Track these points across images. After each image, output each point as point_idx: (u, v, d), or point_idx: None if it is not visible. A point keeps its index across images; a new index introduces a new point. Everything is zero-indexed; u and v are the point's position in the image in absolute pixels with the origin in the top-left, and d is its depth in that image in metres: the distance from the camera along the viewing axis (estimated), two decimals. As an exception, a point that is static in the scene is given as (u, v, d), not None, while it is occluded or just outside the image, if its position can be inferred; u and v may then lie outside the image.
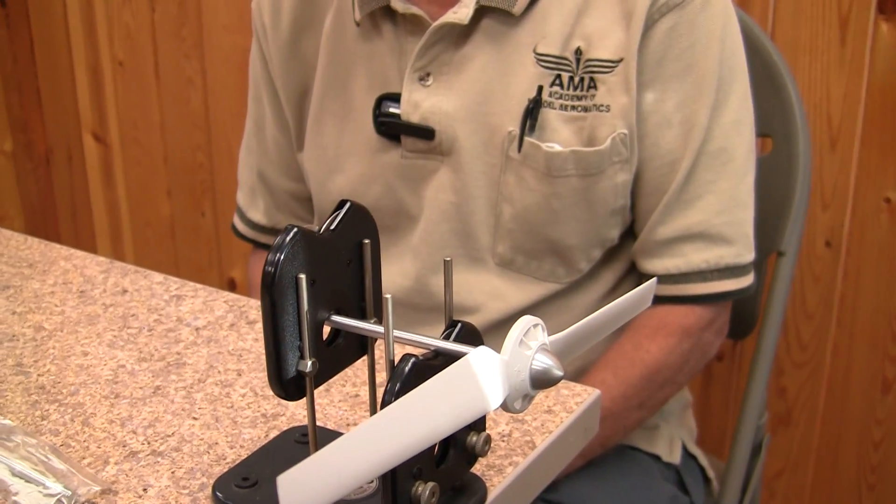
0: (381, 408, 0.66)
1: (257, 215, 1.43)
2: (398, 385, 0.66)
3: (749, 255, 1.20)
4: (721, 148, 1.16)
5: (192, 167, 2.57)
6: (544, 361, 0.66)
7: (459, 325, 0.71)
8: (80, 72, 2.70)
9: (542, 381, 0.66)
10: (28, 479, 0.82)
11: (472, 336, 0.71)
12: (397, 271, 1.27)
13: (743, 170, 1.18)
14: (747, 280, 1.21)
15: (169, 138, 2.60)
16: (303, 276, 0.71)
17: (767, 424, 1.86)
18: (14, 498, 0.80)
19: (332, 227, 0.74)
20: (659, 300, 1.20)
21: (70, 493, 0.80)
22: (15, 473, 0.82)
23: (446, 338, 0.71)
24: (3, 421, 0.89)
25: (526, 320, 0.67)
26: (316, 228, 0.74)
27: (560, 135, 1.15)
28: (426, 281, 1.25)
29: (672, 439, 1.32)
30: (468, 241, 1.22)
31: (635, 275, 1.28)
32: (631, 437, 1.29)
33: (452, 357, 0.69)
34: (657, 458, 1.30)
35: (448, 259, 0.74)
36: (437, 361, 0.70)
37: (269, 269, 0.70)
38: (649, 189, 1.18)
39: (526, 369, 0.65)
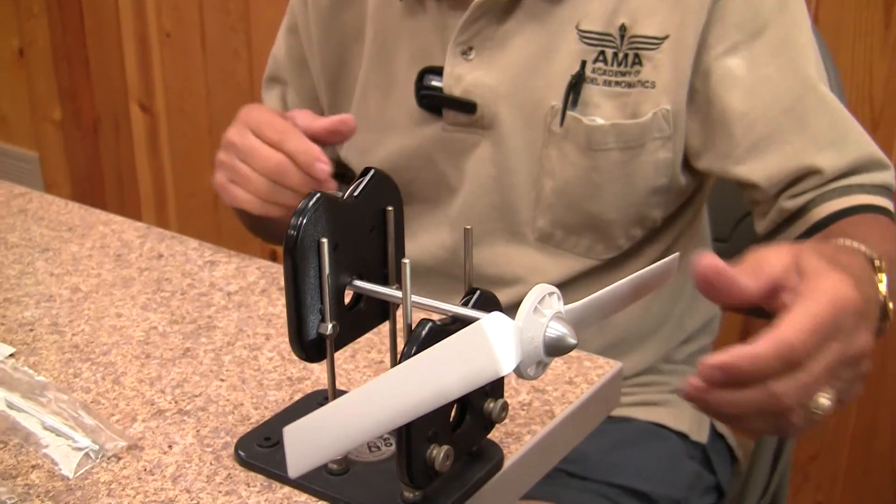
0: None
1: None
2: (414, 349, 0.68)
3: None
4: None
5: (237, 139, 2.59)
6: (558, 329, 0.67)
7: (478, 292, 0.73)
8: (128, 42, 2.74)
9: (555, 349, 0.67)
10: (58, 433, 0.84)
11: (490, 303, 0.73)
12: (435, 242, 1.28)
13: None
14: None
15: (214, 109, 2.62)
16: (325, 240, 0.72)
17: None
18: (44, 450, 0.82)
19: (355, 194, 0.76)
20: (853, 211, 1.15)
21: (98, 447, 0.82)
22: (46, 427, 0.85)
23: (464, 304, 0.72)
24: (37, 378, 0.92)
25: (541, 288, 0.68)
26: (340, 194, 0.75)
27: (603, 110, 1.15)
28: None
29: (700, 418, 1.33)
30: (508, 214, 1.23)
31: (675, 252, 1.28)
32: (658, 415, 1.29)
33: (469, 323, 0.70)
34: (684, 436, 1.30)
35: (468, 227, 0.75)
36: (454, 327, 0.71)
37: (292, 232, 0.71)
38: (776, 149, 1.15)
39: (540, 336, 0.66)
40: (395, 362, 0.80)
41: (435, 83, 1.21)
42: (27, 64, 2.99)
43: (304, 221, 0.72)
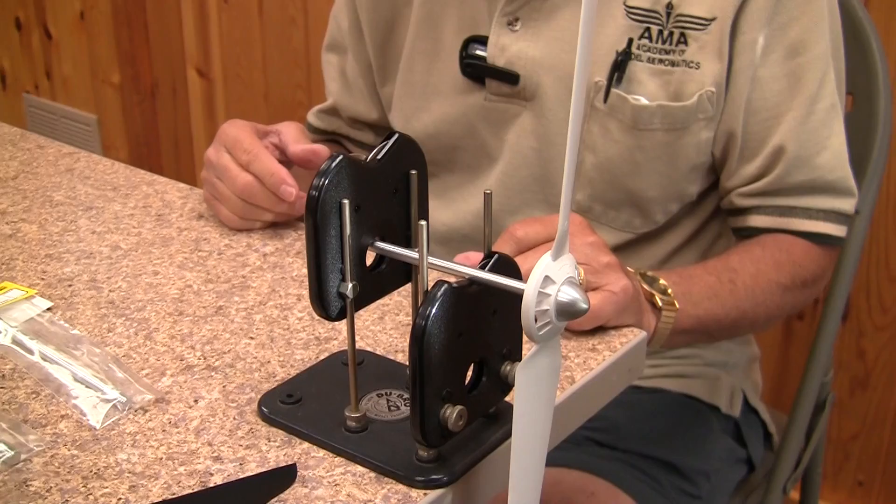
0: (413, 331, 0.69)
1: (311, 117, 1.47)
2: (429, 309, 0.69)
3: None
4: (833, 104, 1.18)
5: (292, 105, 2.61)
6: (570, 293, 0.68)
7: (496, 255, 0.73)
8: (186, 8, 2.76)
9: (567, 313, 0.68)
10: (88, 385, 0.86)
11: (507, 267, 0.73)
12: (472, 211, 1.29)
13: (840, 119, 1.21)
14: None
15: (270, 75, 2.65)
16: (346, 202, 0.73)
17: (835, 383, 1.85)
18: (74, 401, 0.84)
19: (378, 157, 0.77)
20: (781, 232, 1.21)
21: (125, 399, 0.84)
22: (77, 379, 0.87)
23: (482, 267, 0.73)
24: (72, 331, 0.94)
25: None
26: (363, 157, 0.76)
27: (646, 87, 1.15)
28: (502, 222, 1.26)
29: (734, 392, 1.33)
30: (547, 186, 1.23)
31: (712, 228, 1.29)
32: (691, 387, 1.30)
33: (486, 285, 0.72)
34: (717, 409, 1.31)
35: (488, 192, 0.76)
36: (472, 289, 0.72)
37: (314, 193, 0.73)
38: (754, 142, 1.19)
39: (552, 299, 0.67)
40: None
41: (479, 52, 1.22)
42: (88, 27, 3.03)
43: (326, 182, 0.73)
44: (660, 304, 1.05)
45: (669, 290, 1.06)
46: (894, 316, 1.84)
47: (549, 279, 0.67)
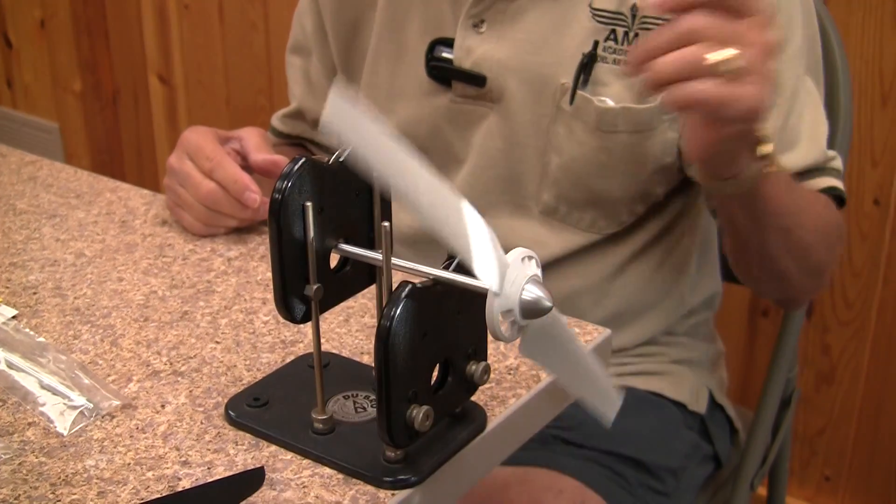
0: (378, 331, 0.69)
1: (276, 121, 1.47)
2: (394, 310, 0.69)
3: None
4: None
5: (254, 110, 2.61)
6: (534, 292, 0.68)
7: (458, 257, 0.74)
8: (147, 14, 2.75)
9: (531, 311, 0.68)
10: (55, 392, 0.86)
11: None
12: (439, 212, 1.29)
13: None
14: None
15: (232, 81, 2.64)
16: (309, 204, 0.74)
17: (801, 379, 1.86)
18: (41, 409, 0.84)
19: (340, 159, 0.77)
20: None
21: (92, 405, 0.84)
22: (43, 386, 0.87)
23: (445, 268, 0.73)
24: (38, 339, 0.94)
25: (519, 251, 0.69)
26: (326, 159, 0.77)
27: (612, 89, 1.16)
28: (468, 223, 1.27)
29: (699, 388, 1.34)
30: (513, 187, 1.24)
31: (678, 228, 1.29)
32: (656, 384, 1.30)
33: (450, 285, 0.72)
34: (683, 406, 1.31)
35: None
36: (436, 289, 0.72)
37: (277, 196, 0.73)
38: None
39: (516, 298, 0.68)
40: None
41: (445, 55, 1.22)
42: (48, 35, 3.02)
43: (289, 185, 0.73)
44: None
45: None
46: (858, 311, 1.85)
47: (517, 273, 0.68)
